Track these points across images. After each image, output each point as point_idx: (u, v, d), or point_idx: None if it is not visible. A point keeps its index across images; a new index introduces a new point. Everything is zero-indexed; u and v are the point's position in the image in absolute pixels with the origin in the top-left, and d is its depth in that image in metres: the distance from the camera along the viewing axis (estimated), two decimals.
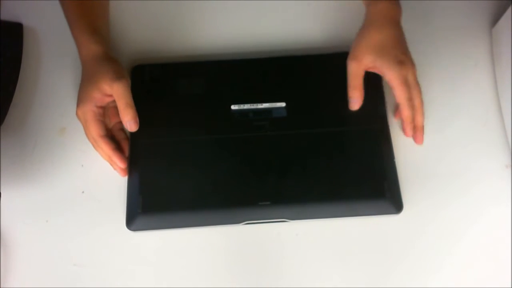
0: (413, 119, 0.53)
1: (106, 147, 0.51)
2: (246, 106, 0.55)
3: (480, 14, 0.62)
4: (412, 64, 0.52)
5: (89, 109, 0.51)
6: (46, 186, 0.54)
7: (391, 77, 0.51)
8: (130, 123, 0.51)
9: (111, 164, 0.53)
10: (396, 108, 0.55)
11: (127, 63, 0.59)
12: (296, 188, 0.51)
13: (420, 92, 0.52)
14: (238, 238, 0.52)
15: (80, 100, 0.51)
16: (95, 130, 0.51)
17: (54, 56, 0.60)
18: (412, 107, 0.52)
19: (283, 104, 0.55)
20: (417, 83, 0.52)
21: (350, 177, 0.52)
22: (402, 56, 0.51)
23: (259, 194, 0.51)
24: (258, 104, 0.54)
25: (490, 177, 0.54)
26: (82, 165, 0.55)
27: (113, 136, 0.54)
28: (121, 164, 0.52)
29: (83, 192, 0.54)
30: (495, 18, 0.60)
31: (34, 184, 0.54)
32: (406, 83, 0.51)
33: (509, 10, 0.55)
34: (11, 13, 0.62)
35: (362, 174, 0.52)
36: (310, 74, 0.57)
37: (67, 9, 0.56)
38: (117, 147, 0.53)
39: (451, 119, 0.57)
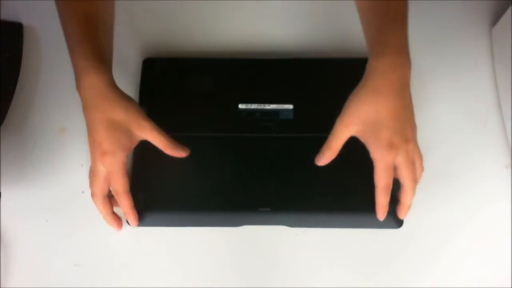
0: (386, 205, 0.47)
1: (127, 203, 0.48)
2: (254, 106, 0.55)
3: (480, 14, 0.62)
4: (405, 143, 0.45)
5: (121, 160, 0.46)
6: (46, 185, 0.54)
7: (375, 159, 0.46)
8: (182, 152, 0.50)
9: (111, 222, 0.50)
10: None
11: (138, 56, 0.59)
12: (297, 196, 0.51)
13: (411, 171, 0.46)
14: (237, 236, 0.52)
15: (107, 149, 0.46)
16: (123, 183, 0.47)
17: (54, 56, 0.60)
18: (387, 194, 0.47)
19: (290, 106, 0.55)
20: (409, 162, 0.46)
21: (353, 188, 0.51)
22: (395, 137, 0.45)
23: (260, 199, 0.51)
24: (266, 105, 0.54)
25: (490, 177, 0.54)
26: (82, 165, 0.55)
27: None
28: (135, 222, 0.50)
29: (83, 192, 0.54)
30: (495, 18, 0.60)
31: (34, 184, 0.54)
32: (388, 170, 0.46)
33: (509, 10, 0.55)
34: (11, 13, 0.62)
35: (365, 185, 0.50)
36: (319, 78, 0.57)
37: (69, 30, 0.49)
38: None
39: (451, 119, 0.57)
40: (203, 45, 0.61)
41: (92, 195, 0.49)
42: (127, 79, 0.58)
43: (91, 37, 0.47)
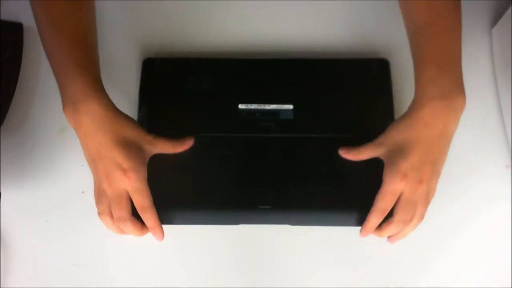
0: (374, 226, 0.48)
1: (154, 217, 0.48)
2: (254, 106, 0.55)
3: (480, 14, 0.62)
4: (418, 182, 0.45)
5: (144, 175, 0.47)
6: (46, 186, 0.54)
7: (385, 180, 0.47)
8: (189, 141, 0.51)
9: (139, 234, 0.48)
10: None
11: (138, 56, 0.59)
12: (298, 194, 0.51)
13: (405, 211, 0.46)
14: (237, 235, 0.52)
15: (129, 166, 0.45)
16: (149, 197, 0.47)
17: None
18: (379, 217, 0.47)
19: (290, 107, 0.55)
20: (409, 202, 0.46)
21: (355, 186, 0.51)
22: (411, 172, 0.45)
23: (260, 197, 0.51)
24: (266, 105, 0.54)
25: (490, 177, 0.54)
26: (82, 165, 0.55)
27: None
28: (163, 236, 0.49)
29: (83, 192, 0.54)
30: (495, 18, 0.60)
31: (34, 184, 0.54)
32: (391, 195, 0.46)
33: (509, 10, 0.55)
34: (11, 13, 0.61)
35: (366, 184, 0.50)
36: (319, 78, 0.57)
37: (57, 53, 0.46)
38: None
39: None
40: (203, 45, 0.61)
41: (118, 219, 0.47)
42: (127, 79, 0.58)
43: (84, 60, 0.46)
